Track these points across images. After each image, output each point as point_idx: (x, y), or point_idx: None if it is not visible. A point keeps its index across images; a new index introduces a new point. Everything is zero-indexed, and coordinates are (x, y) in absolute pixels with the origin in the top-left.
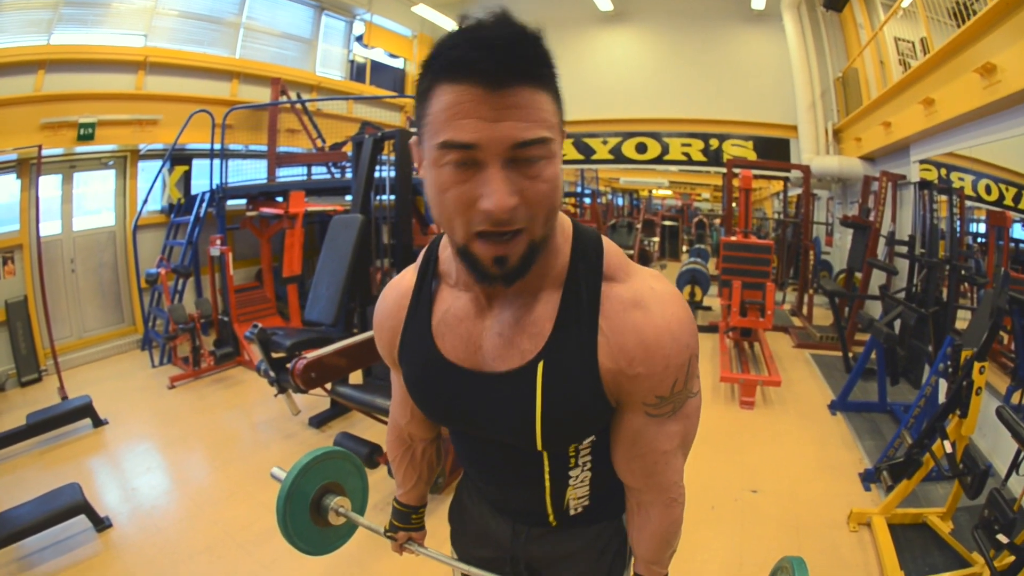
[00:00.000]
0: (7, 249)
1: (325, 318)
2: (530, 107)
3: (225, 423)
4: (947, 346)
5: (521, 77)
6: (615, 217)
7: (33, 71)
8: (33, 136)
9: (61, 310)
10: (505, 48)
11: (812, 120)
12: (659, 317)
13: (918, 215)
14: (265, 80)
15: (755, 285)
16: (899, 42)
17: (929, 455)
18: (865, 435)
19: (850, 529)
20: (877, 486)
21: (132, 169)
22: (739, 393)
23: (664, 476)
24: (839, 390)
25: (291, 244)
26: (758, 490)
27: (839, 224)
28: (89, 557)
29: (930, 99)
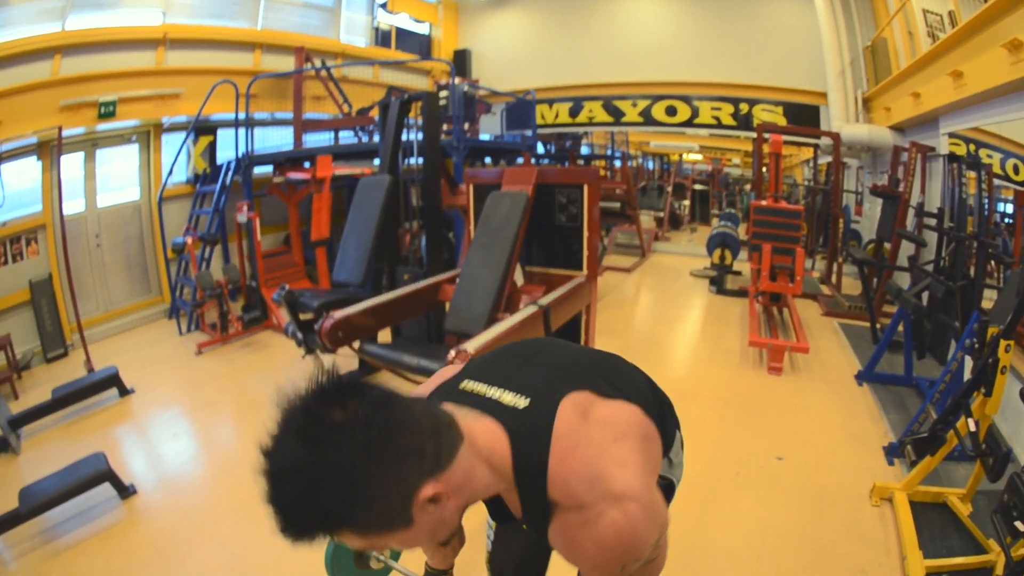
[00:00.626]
0: (30, 230)
1: (353, 279)
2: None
3: (252, 387)
4: (974, 322)
5: (311, 535)
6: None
7: (49, 56)
8: (53, 118)
9: (87, 285)
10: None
11: (842, 88)
12: (596, 547)
13: (947, 188)
14: (289, 49)
15: (785, 250)
16: (927, 14)
17: (953, 432)
18: (890, 408)
19: (872, 503)
20: (900, 460)
21: (156, 143)
22: (767, 358)
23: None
24: (866, 360)
25: (319, 208)
26: (783, 457)
27: (869, 193)
28: (113, 525)
29: (959, 72)
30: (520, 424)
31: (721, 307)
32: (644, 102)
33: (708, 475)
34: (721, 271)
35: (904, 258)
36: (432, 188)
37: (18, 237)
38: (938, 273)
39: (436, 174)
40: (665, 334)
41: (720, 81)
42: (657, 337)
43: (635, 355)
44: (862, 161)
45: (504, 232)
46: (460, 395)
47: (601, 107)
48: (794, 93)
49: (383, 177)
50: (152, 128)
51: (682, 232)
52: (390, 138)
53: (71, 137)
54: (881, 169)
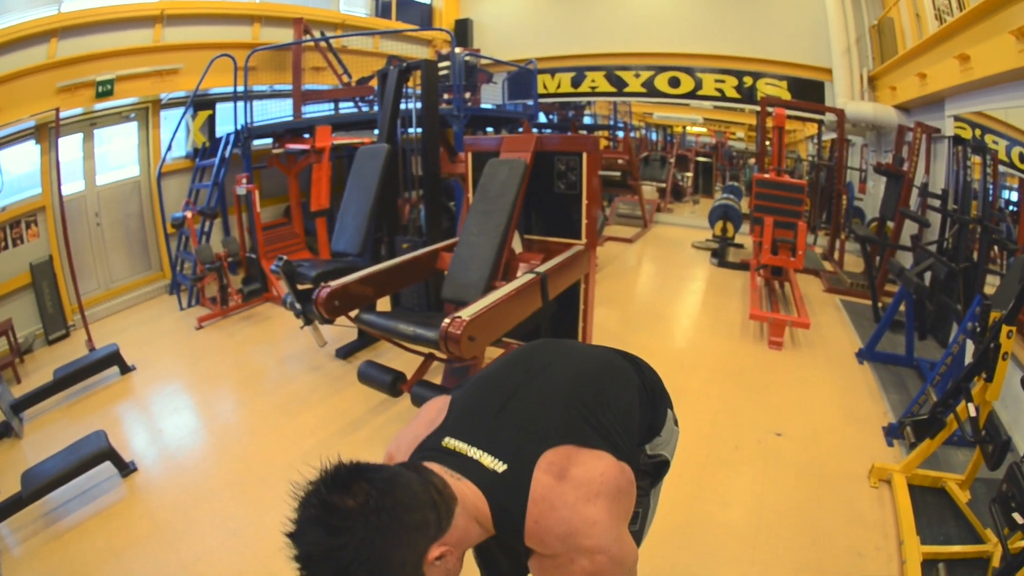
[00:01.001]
0: (29, 213)
1: (352, 248)
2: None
3: (252, 359)
4: (976, 305)
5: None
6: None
7: (45, 40)
8: (50, 100)
9: (87, 264)
10: None
11: (847, 65)
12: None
13: (951, 170)
14: (288, 21)
15: (787, 224)
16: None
17: (953, 416)
18: (891, 388)
19: (870, 484)
20: (900, 442)
21: (154, 119)
22: (768, 332)
23: None
24: (867, 338)
25: (319, 178)
26: (782, 433)
27: (873, 171)
28: (114, 503)
29: (965, 55)
30: (498, 490)
31: (723, 279)
32: (647, 73)
33: (707, 448)
34: (723, 243)
35: (907, 238)
36: (431, 156)
37: (18, 221)
38: (941, 254)
39: (435, 142)
40: (666, 306)
41: (724, 54)
42: (658, 309)
43: (636, 327)
44: (866, 139)
45: (502, 200)
46: (443, 454)
47: (604, 77)
48: (799, 68)
49: (381, 146)
50: (151, 105)
51: (684, 204)
52: (388, 107)
53: (69, 118)
54: (885, 148)
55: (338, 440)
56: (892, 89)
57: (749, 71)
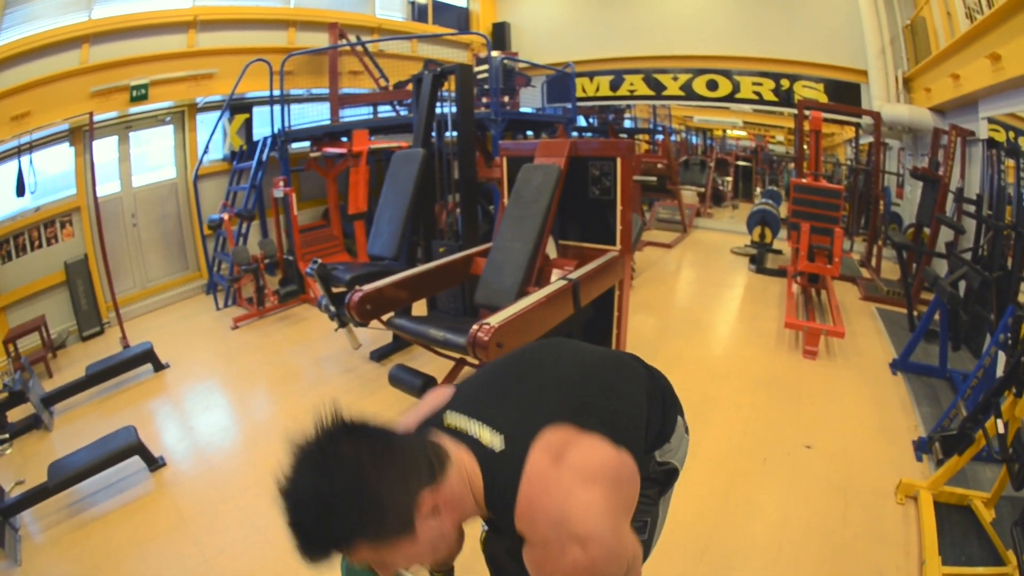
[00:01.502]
0: (64, 213)
1: (387, 252)
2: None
3: (286, 359)
4: (1008, 316)
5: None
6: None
7: (77, 46)
8: (84, 104)
9: (123, 264)
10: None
11: (882, 67)
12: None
13: (986, 175)
14: (323, 26)
15: (824, 230)
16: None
17: (981, 432)
18: (923, 400)
19: (897, 500)
20: (928, 456)
21: (191, 123)
22: (803, 341)
23: None
24: (902, 348)
25: (356, 182)
26: (812, 446)
27: (909, 176)
28: (141, 496)
29: (996, 54)
30: (494, 467)
31: (760, 286)
32: (685, 76)
33: (735, 460)
34: (761, 249)
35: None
36: (467, 161)
37: (52, 221)
38: (975, 262)
39: (471, 147)
40: (703, 313)
41: (761, 56)
42: (695, 315)
43: (671, 334)
44: (903, 142)
45: (536, 205)
46: (444, 429)
47: (642, 80)
48: (835, 70)
49: (416, 151)
50: (186, 108)
51: (724, 208)
52: (424, 112)
53: (103, 121)
54: (922, 151)
55: None
56: (927, 91)
57: (786, 73)
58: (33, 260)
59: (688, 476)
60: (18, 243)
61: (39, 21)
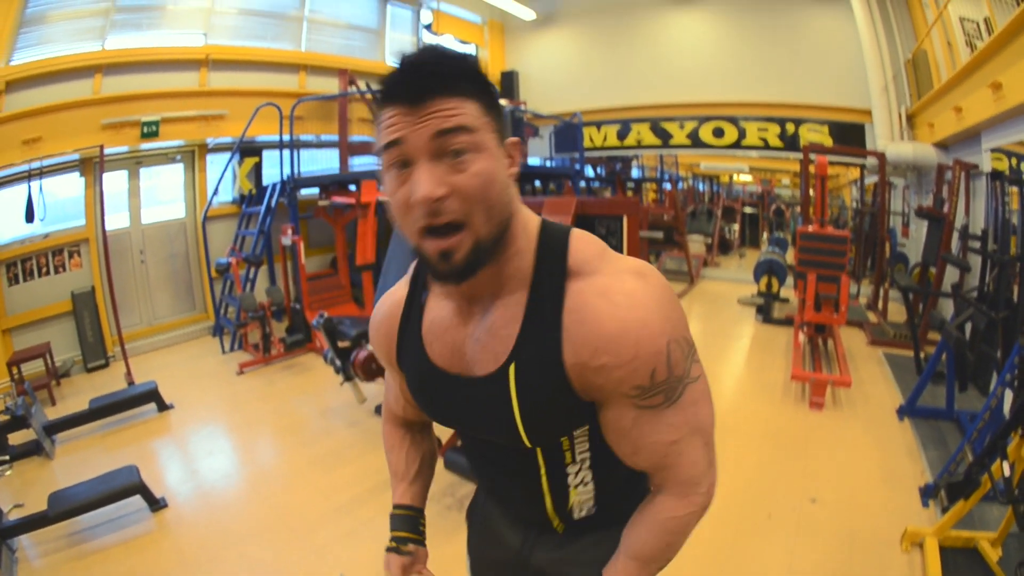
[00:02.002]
0: (73, 244)
1: None
2: (449, 110)
3: (291, 409)
4: (1015, 355)
5: (437, 91)
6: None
7: (90, 75)
8: (95, 136)
9: (130, 299)
10: (422, 70)
11: (885, 105)
12: (624, 306)
13: (990, 208)
14: (333, 71)
15: (830, 278)
16: (964, 22)
17: (987, 476)
18: (930, 444)
19: (902, 549)
20: (935, 502)
21: (200, 163)
22: (809, 392)
23: (680, 469)
24: (908, 392)
25: (364, 233)
26: (817, 499)
27: (914, 215)
28: (141, 535)
29: (997, 83)
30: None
31: (767, 336)
32: (691, 124)
33: (739, 516)
34: (768, 299)
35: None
36: None
37: (60, 249)
38: (982, 300)
39: None
40: (709, 366)
41: (766, 101)
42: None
43: None
44: (908, 180)
45: None
46: None
47: (649, 129)
48: (839, 111)
49: None
50: (197, 148)
51: (731, 257)
52: None
53: (114, 155)
54: (927, 188)
55: (371, 498)
56: (930, 126)
57: (791, 117)
58: (40, 286)
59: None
60: (26, 268)
61: (53, 45)
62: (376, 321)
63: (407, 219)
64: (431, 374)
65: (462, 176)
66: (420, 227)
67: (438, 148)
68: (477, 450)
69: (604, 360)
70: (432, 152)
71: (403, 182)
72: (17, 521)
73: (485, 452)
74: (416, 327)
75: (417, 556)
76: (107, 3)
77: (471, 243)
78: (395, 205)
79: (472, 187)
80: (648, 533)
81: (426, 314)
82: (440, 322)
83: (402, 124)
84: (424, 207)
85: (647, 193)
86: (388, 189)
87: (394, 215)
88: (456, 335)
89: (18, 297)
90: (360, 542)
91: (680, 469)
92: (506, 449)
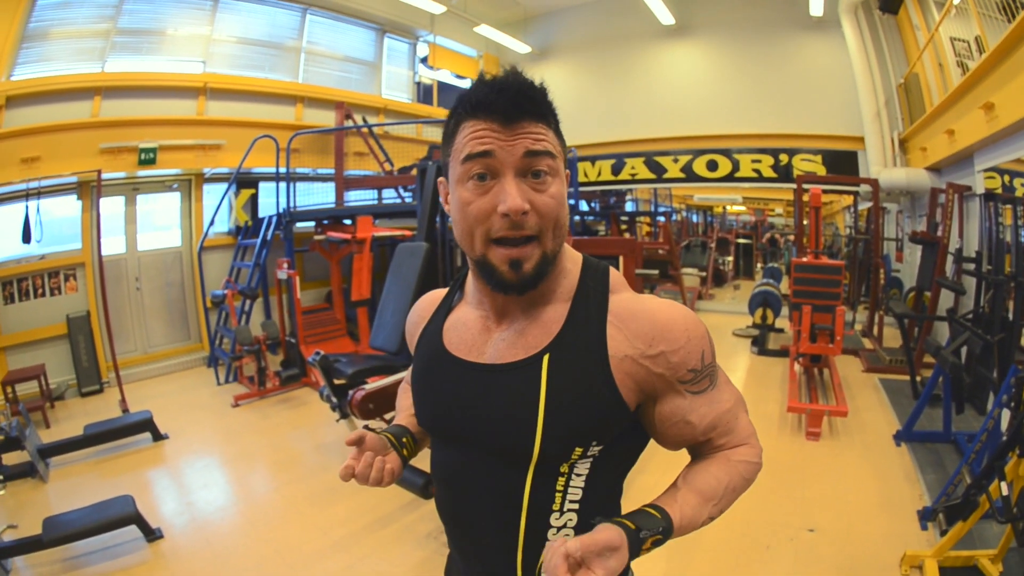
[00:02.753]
0: (69, 267)
1: (389, 346)
2: (539, 133)
3: (287, 443)
4: (1011, 376)
5: (529, 114)
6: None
7: (90, 97)
8: (93, 160)
9: (126, 326)
10: (516, 91)
11: (878, 131)
12: (665, 305)
13: (984, 229)
14: (330, 104)
15: (825, 308)
16: (955, 42)
17: (985, 496)
18: (928, 468)
19: (901, 572)
20: (934, 524)
21: (197, 192)
22: (805, 423)
23: (740, 430)
24: (905, 417)
25: (359, 268)
26: (815, 528)
27: (908, 240)
28: (136, 565)
29: (990, 103)
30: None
31: (763, 368)
32: (685, 157)
33: (737, 549)
34: (763, 330)
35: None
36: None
37: (56, 272)
38: (977, 322)
39: None
40: None
41: (759, 132)
42: None
43: None
44: (901, 205)
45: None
46: None
47: (643, 163)
48: (832, 140)
49: (420, 244)
50: (193, 177)
51: (725, 289)
52: (427, 204)
53: (111, 180)
54: (920, 212)
55: (367, 534)
56: (923, 150)
57: (785, 148)
58: (36, 307)
59: (689, 569)
60: (22, 287)
61: (53, 63)
62: (414, 312)
63: (481, 227)
64: (441, 359)
65: (542, 196)
66: (496, 237)
67: (525, 167)
68: (454, 478)
69: (661, 347)
70: (519, 169)
71: (483, 192)
72: (11, 543)
73: (463, 480)
74: (440, 320)
75: (375, 441)
76: (108, 24)
77: (540, 255)
78: (472, 213)
79: (549, 207)
80: (720, 470)
81: (453, 313)
82: (464, 321)
83: (492, 139)
84: (511, 218)
85: (641, 226)
86: (463, 197)
87: (464, 223)
88: (477, 337)
89: (13, 316)
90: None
91: (740, 430)
92: (491, 473)
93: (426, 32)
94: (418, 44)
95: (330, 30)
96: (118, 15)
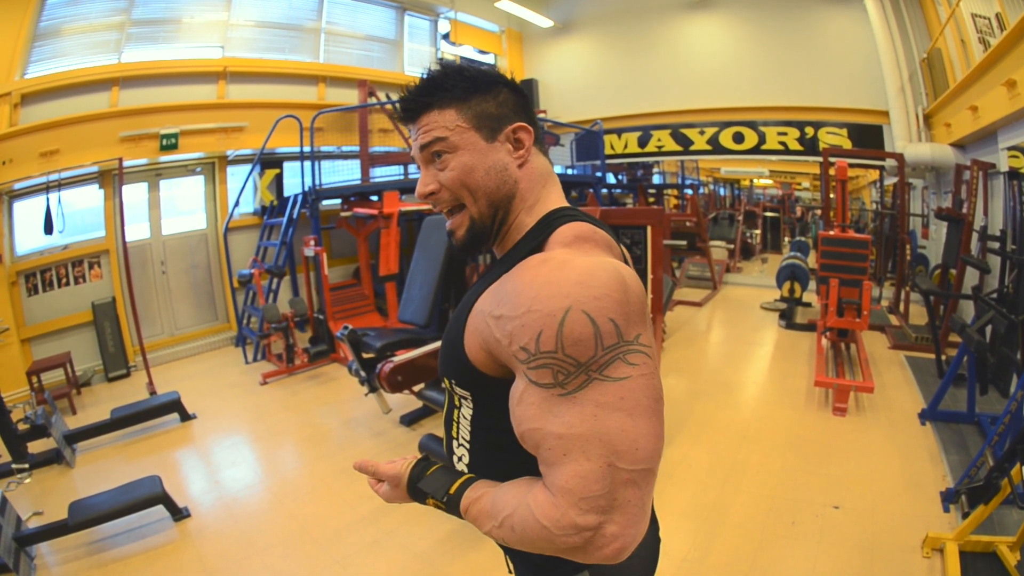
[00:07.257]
0: (93, 255)
1: (418, 319)
2: (429, 124)
3: (315, 419)
4: None
5: (420, 111)
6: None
7: (107, 88)
8: (113, 149)
9: (152, 310)
10: (406, 98)
11: (903, 105)
12: (545, 268)
13: (1008, 208)
14: (353, 82)
15: (852, 282)
16: (976, 18)
17: (1007, 480)
18: (951, 448)
19: (923, 555)
20: (956, 507)
21: (221, 175)
22: (832, 398)
23: (561, 472)
24: (930, 396)
25: (387, 243)
26: (840, 506)
27: (934, 216)
28: (163, 544)
29: (1012, 80)
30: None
31: (790, 342)
32: (711, 129)
33: (764, 524)
34: (791, 304)
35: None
36: None
37: (80, 260)
38: (1001, 302)
39: None
40: (733, 373)
41: (785, 105)
42: (726, 376)
43: (703, 397)
44: (927, 181)
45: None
46: None
47: (669, 136)
48: (858, 113)
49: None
50: (217, 160)
51: (753, 262)
52: None
53: (133, 167)
54: (945, 189)
55: (394, 508)
56: (947, 126)
57: (810, 121)
58: (61, 296)
59: (716, 543)
60: (46, 278)
61: (68, 58)
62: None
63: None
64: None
65: (443, 173)
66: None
67: (427, 156)
68: None
69: (503, 310)
70: (425, 159)
71: None
72: (36, 529)
73: None
74: None
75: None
76: (122, 17)
77: (468, 222)
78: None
79: (450, 180)
80: (513, 496)
81: None
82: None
83: (411, 141)
84: (429, 201)
85: (668, 199)
86: None
87: None
88: None
89: (37, 307)
90: (383, 552)
91: (558, 475)
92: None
93: (447, 9)
94: (439, 21)
95: (349, 10)
96: (132, 7)
